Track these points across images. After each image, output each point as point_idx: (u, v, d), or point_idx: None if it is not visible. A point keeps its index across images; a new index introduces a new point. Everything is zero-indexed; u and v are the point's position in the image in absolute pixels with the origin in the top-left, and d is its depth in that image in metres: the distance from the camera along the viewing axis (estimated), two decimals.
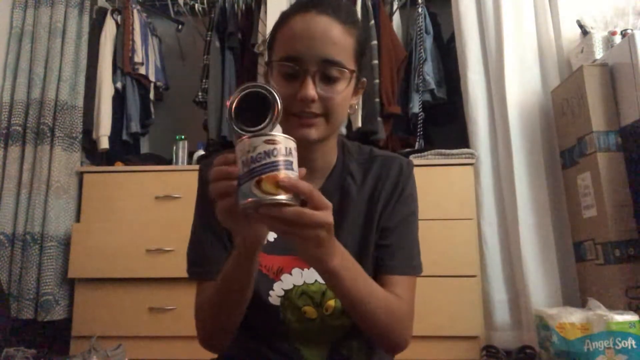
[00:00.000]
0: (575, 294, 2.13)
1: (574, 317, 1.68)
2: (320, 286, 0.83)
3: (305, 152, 0.81)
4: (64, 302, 2.29)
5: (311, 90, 0.74)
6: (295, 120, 0.76)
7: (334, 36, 0.76)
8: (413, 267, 0.87)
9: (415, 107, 2.50)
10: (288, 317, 0.83)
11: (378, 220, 0.86)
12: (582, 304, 1.95)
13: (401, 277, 0.84)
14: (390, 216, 0.86)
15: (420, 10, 2.62)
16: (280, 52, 0.77)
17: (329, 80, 0.76)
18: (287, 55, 0.76)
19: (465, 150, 2.31)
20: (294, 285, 0.83)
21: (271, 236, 0.84)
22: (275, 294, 0.83)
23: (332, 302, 0.83)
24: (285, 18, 0.79)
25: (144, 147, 3.05)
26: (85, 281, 2.26)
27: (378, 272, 0.85)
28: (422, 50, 2.56)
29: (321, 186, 0.86)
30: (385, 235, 0.86)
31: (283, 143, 0.57)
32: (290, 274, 0.83)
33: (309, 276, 0.83)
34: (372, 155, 0.91)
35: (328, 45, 0.75)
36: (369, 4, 2.62)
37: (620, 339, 1.60)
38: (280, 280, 0.83)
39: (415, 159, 2.31)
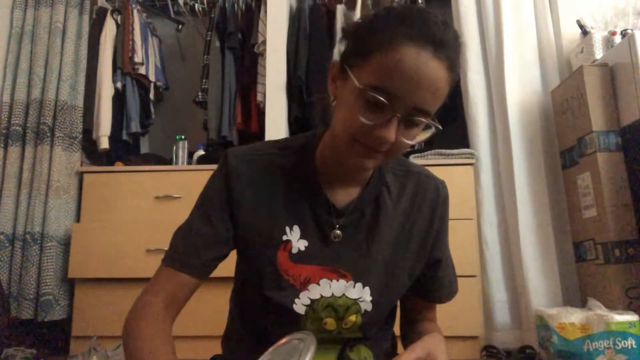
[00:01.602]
0: (575, 294, 2.13)
1: (574, 317, 1.68)
2: (347, 300, 0.82)
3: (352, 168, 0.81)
4: (64, 302, 2.29)
5: (393, 134, 0.68)
6: (359, 148, 0.71)
7: (439, 87, 0.68)
8: (452, 294, 0.93)
9: None
10: (308, 326, 0.82)
11: (420, 249, 0.87)
12: (582, 304, 1.95)
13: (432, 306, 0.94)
14: (438, 247, 0.89)
15: None
16: (376, 80, 0.66)
17: (410, 125, 0.70)
18: (384, 90, 0.66)
19: (465, 150, 2.31)
20: (321, 296, 0.81)
21: (302, 245, 0.81)
22: (301, 303, 0.81)
23: (353, 318, 0.83)
24: (393, 41, 0.66)
25: (144, 147, 3.05)
26: (85, 281, 2.26)
27: (420, 297, 0.92)
28: None
29: (358, 195, 0.84)
30: (436, 267, 0.89)
31: None
32: (318, 284, 0.81)
33: (338, 289, 0.81)
34: (409, 169, 0.89)
35: (429, 95, 0.67)
36: (369, 3, 2.62)
37: (620, 339, 1.60)
38: (307, 290, 0.81)
39: (415, 159, 2.31)
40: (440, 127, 0.72)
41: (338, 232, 0.82)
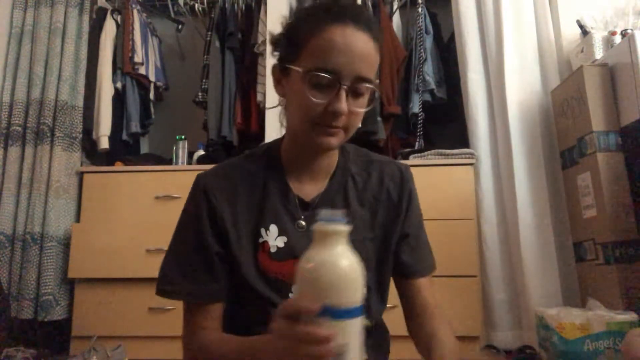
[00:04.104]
0: (575, 294, 2.12)
1: (574, 317, 1.68)
2: None
3: (316, 156, 0.87)
4: (64, 302, 2.29)
5: (344, 104, 0.76)
6: (319, 128, 0.78)
7: (369, 54, 0.77)
8: (431, 267, 0.94)
9: (415, 107, 2.50)
10: None
11: (393, 226, 0.90)
12: (582, 304, 1.95)
13: (425, 279, 0.92)
14: (408, 222, 0.91)
15: (420, 10, 2.62)
16: (316, 62, 0.76)
17: (357, 95, 0.78)
18: (325, 68, 0.75)
19: (465, 150, 2.31)
20: None
21: (281, 242, 0.85)
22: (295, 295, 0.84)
23: None
24: (319, 26, 0.77)
25: (144, 147, 3.05)
26: (85, 281, 2.26)
27: (402, 277, 0.92)
28: (422, 50, 2.56)
29: (325, 187, 0.89)
30: (406, 242, 0.91)
31: None
32: None
33: None
34: (370, 158, 0.94)
35: (364, 63, 0.77)
36: (369, 4, 2.62)
37: (620, 339, 1.60)
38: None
39: (415, 159, 2.31)
40: (378, 91, 0.82)
41: (302, 223, 0.86)
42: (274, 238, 0.85)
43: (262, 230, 0.85)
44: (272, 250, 0.84)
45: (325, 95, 0.76)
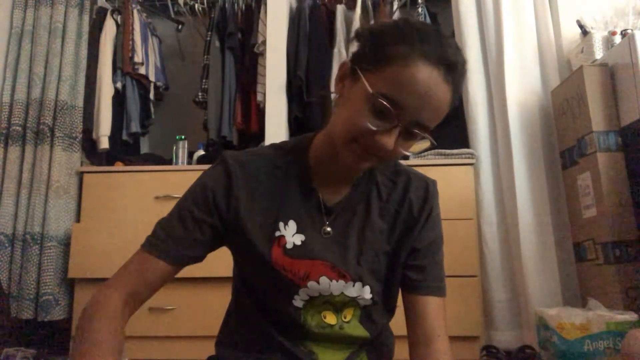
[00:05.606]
0: (575, 294, 2.12)
1: (574, 317, 1.68)
2: (344, 297, 0.84)
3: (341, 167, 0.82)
4: (64, 302, 2.29)
5: (393, 142, 0.71)
6: (357, 149, 0.74)
7: (442, 107, 0.72)
8: (441, 289, 0.88)
9: None
10: (308, 321, 0.83)
11: (406, 239, 0.87)
12: (582, 304, 1.95)
13: (431, 297, 0.86)
14: (420, 238, 0.87)
15: (420, 10, 2.62)
16: (388, 89, 0.69)
17: (409, 136, 0.73)
18: (393, 99, 0.69)
19: (465, 150, 2.31)
20: (320, 294, 0.83)
21: (298, 239, 0.83)
22: (300, 298, 0.83)
23: (350, 310, 0.85)
24: (410, 55, 0.69)
25: (144, 147, 3.05)
26: (85, 281, 2.26)
27: (408, 291, 0.87)
28: None
29: (348, 194, 0.86)
30: (415, 257, 0.87)
31: None
32: (318, 282, 0.82)
33: (337, 288, 0.83)
34: (398, 169, 0.91)
35: (432, 112, 0.71)
36: (369, 3, 2.62)
37: (620, 339, 1.60)
38: (306, 286, 0.82)
39: (415, 159, 2.32)
40: (435, 143, 0.77)
41: (328, 229, 0.84)
42: (291, 234, 0.83)
43: (281, 224, 0.83)
44: (288, 246, 0.82)
45: (380, 123, 0.71)
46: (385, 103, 0.69)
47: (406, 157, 2.40)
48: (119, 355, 0.71)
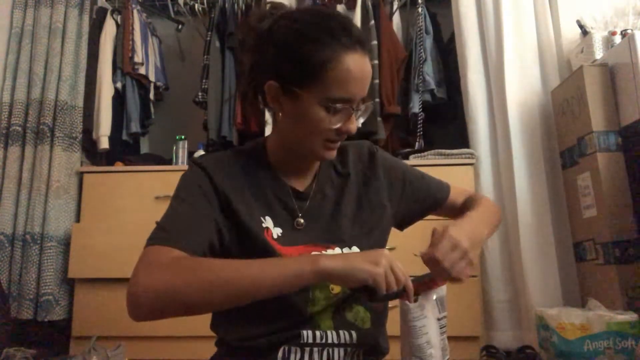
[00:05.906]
0: (575, 294, 2.12)
1: (574, 317, 1.67)
2: None
3: (310, 161, 0.93)
4: (64, 302, 2.29)
5: (355, 125, 0.84)
6: (328, 144, 0.85)
7: (370, 74, 0.84)
8: (444, 188, 1.05)
9: (415, 107, 2.50)
10: (317, 294, 0.86)
11: (378, 196, 0.96)
12: (582, 304, 1.95)
13: (447, 198, 1.04)
14: (394, 184, 1.00)
15: (420, 10, 2.62)
16: (334, 92, 0.79)
17: (360, 111, 0.86)
18: (343, 97, 0.80)
19: (465, 150, 2.31)
20: None
21: (278, 232, 0.88)
22: None
23: None
24: (335, 56, 0.78)
25: (144, 147, 3.05)
26: (85, 281, 2.26)
27: (434, 210, 1.05)
28: (422, 51, 2.56)
29: (316, 182, 0.95)
30: (409, 193, 1.01)
31: None
32: None
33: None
34: (341, 145, 0.96)
35: (367, 84, 0.84)
36: (369, 4, 2.62)
37: (620, 339, 1.60)
38: None
39: (415, 159, 2.32)
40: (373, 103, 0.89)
41: (301, 220, 0.91)
42: (272, 227, 0.88)
43: (261, 218, 0.88)
44: (274, 235, 0.87)
45: (339, 118, 0.82)
46: (338, 104, 0.80)
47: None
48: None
